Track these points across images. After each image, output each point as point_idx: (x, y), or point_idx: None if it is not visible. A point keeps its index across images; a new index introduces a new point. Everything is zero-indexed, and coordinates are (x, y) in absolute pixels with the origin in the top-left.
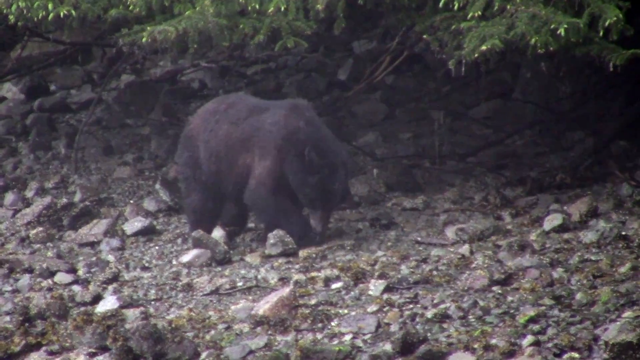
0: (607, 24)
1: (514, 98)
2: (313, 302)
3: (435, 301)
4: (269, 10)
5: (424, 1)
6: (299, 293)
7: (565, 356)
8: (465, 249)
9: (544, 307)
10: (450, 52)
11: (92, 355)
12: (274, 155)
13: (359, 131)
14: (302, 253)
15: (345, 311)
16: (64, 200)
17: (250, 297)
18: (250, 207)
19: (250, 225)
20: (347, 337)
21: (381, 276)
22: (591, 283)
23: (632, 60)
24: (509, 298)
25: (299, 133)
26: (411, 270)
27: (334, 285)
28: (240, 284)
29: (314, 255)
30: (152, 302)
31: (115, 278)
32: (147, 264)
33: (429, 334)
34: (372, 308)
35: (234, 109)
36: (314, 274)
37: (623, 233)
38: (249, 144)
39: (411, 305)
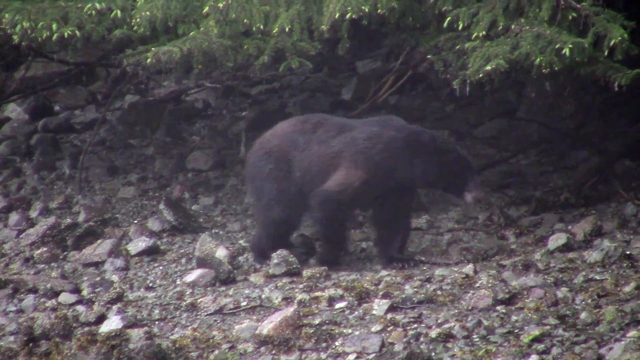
0: (612, 43)
1: (518, 117)
2: (317, 321)
3: (439, 321)
4: (274, 31)
5: (428, 21)
6: (302, 313)
7: None
8: (469, 268)
9: (548, 327)
10: (454, 72)
11: None
12: (360, 167)
13: None
14: (306, 273)
15: (349, 331)
16: (68, 220)
17: (254, 317)
18: (313, 207)
19: (246, 244)
20: (351, 357)
21: (385, 296)
22: (596, 302)
23: (637, 79)
24: (513, 317)
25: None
26: (415, 289)
27: (338, 305)
28: (244, 303)
29: (317, 274)
30: (156, 322)
31: (119, 298)
32: (151, 284)
33: (433, 354)
34: (376, 327)
35: (323, 128)
36: (317, 293)
37: (627, 252)
38: (339, 159)
39: (415, 325)
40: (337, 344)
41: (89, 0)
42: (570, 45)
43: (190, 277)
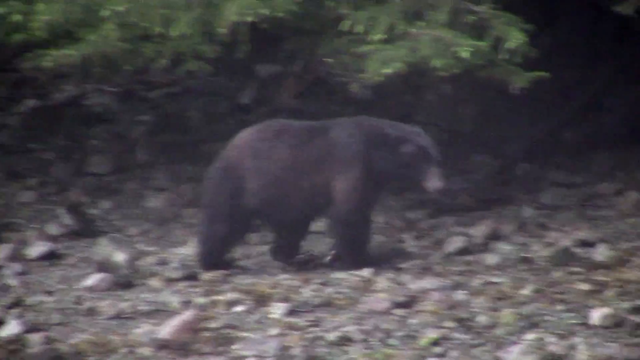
0: (510, 46)
1: (417, 121)
2: (215, 325)
3: (336, 324)
4: (173, 35)
5: (327, 25)
6: (201, 316)
7: None
8: (367, 271)
9: (446, 330)
10: (352, 76)
11: None
12: (358, 165)
13: None
14: (205, 276)
15: (248, 334)
16: None
17: (153, 321)
18: (335, 222)
19: (151, 249)
20: None
21: (283, 299)
22: (493, 305)
23: (536, 82)
24: (411, 321)
25: (372, 131)
26: (313, 293)
27: (236, 309)
28: (142, 307)
29: (216, 278)
30: (55, 327)
31: (18, 302)
32: (50, 288)
33: (330, 357)
34: (274, 331)
35: (288, 133)
36: (216, 297)
37: (525, 255)
38: (320, 164)
39: (313, 329)
40: (235, 347)
41: None
42: (469, 49)
43: (89, 281)
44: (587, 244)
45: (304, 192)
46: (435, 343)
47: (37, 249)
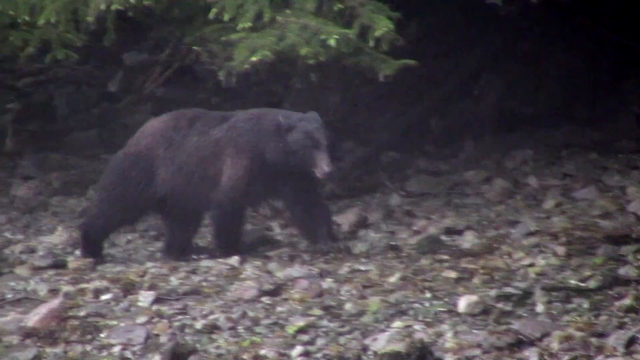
0: (377, 34)
1: (284, 109)
2: (83, 313)
3: (204, 312)
4: (39, 23)
5: (194, 13)
6: (68, 305)
7: None
8: (234, 259)
9: (313, 318)
10: (220, 64)
11: None
12: (247, 156)
13: None
14: (72, 264)
15: (115, 322)
16: None
17: (20, 309)
18: (215, 208)
19: (18, 237)
20: (117, 349)
21: (151, 287)
22: (360, 293)
23: (403, 70)
24: (279, 308)
25: (267, 121)
26: (181, 281)
27: (104, 297)
28: (9, 296)
29: (83, 266)
30: None
31: None
32: None
33: (198, 345)
34: (142, 319)
35: (200, 121)
36: (83, 285)
37: (392, 243)
38: (220, 150)
39: (180, 317)
40: (102, 335)
41: None
42: (336, 36)
43: None
44: (454, 231)
45: (207, 182)
46: (303, 331)
47: None
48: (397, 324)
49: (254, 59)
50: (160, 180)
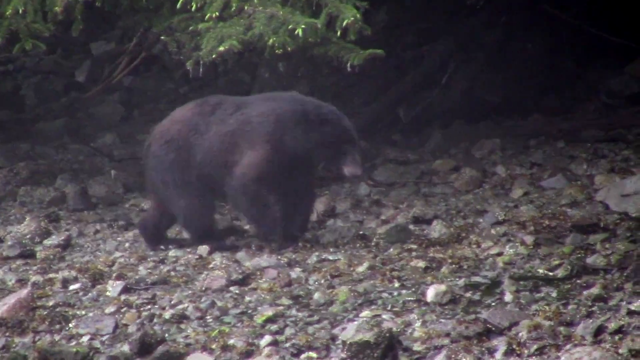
0: (344, 24)
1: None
2: (51, 303)
3: (173, 302)
4: (7, 13)
5: (162, 2)
6: (36, 295)
7: (303, 356)
8: (203, 249)
9: (282, 307)
10: (188, 53)
11: None
12: (265, 143)
13: (97, 132)
14: (40, 254)
15: (83, 312)
16: None
17: None
18: (231, 195)
19: None
20: (85, 338)
21: (119, 277)
22: (329, 283)
23: (370, 60)
24: (247, 298)
25: (291, 109)
26: (149, 271)
27: (72, 287)
28: None
29: (51, 256)
30: None
31: None
32: None
33: (166, 335)
34: (110, 309)
35: (221, 108)
36: (52, 275)
37: (361, 232)
38: (238, 140)
39: (149, 306)
40: (71, 325)
41: None
42: (303, 26)
43: None
44: (422, 221)
45: (230, 168)
46: (272, 320)
47: None
48: (366, 313)
49: (221, 48)
50: (192, 166)
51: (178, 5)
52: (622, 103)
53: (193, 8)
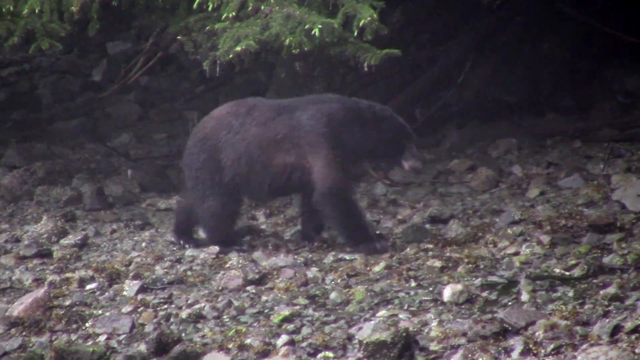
0: (361, 23)
1: (268, 98)
2: (68, 303)
3: (189, 301)
4: (24, 12)
5: (178, 2)
6: (53, 294)
7: (320, 355)
8: (214, 248)
9: (298, 307)
10: (204, 53)
11: None
12: (325, 145)
13: (114, 132)
14: (57, 254)
15: (100, 312)
16: None
17: (5, 299)
18: (321, 205)
19: (3, 226)
20: (102, 338)
21: (136, 277)
22: (346, 282)
23: (387, 59)
24: (264, 298)
25: (343, 108)
26: (166, 270)
27: (89, 286)
28: None
29: (68, 255)
30: None
31: None
32: None
33: (183, 334)
34: (127, 309)
35: (258, 110)
36: (68, 274)
37: (377, 232)
38: (286, 143)
39: (166, 306)
40: (87, 325)
41: None
42: (320, 26)
43: None
44: (439, 220)
45: (272, 170)
46: (288, 320)
47: None
48: (382, 313)
49: (238, 48)
50: (226, 164)
51: (194, 5)
52: (638, 102)
53: (209, 8)
